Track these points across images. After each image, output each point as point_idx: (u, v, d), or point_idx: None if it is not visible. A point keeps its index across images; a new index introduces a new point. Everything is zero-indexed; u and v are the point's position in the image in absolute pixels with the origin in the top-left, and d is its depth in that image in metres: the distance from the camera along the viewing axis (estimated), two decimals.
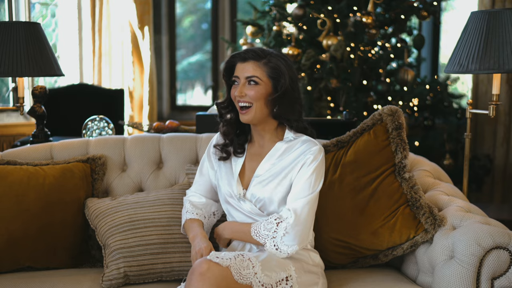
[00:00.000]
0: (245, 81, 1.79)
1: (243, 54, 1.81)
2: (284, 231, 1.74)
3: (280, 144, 1.88)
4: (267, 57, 1.80)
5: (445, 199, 2.07)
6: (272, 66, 1.78)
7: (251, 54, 1.79)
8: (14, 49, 2.54)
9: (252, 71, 1.78)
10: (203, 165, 2.02)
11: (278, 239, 1.74)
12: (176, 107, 5.47)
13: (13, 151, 2.29)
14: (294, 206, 1.77)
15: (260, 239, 1.77)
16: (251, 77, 1.78)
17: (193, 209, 1.95)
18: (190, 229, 1.90)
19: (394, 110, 2.07)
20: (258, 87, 1.78)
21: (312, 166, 1.80)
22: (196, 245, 1.81)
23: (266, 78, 1.79)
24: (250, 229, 1.79)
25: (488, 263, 1.75)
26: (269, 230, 1.76)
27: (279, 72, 1.78)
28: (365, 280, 1.94)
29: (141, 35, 4.89)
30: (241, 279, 1.61)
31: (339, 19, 3.67)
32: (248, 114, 1.81)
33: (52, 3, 4.68)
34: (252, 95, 1.78)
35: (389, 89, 3.83)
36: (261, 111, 1.81)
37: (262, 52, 1.81)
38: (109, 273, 1.93)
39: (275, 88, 1.79)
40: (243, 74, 1.80)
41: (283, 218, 1.76)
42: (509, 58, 2.23)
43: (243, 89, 1.79)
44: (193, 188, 2.04)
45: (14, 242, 2.01)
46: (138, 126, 3.44)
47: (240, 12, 5.44)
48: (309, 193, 1.79)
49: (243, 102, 1.80)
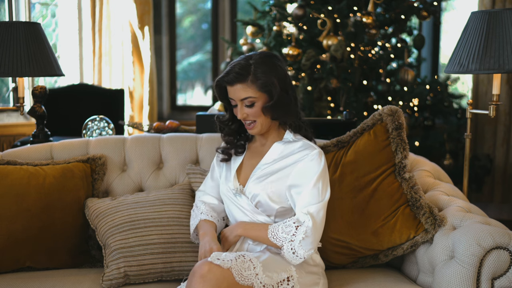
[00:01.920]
0: (241, 103, 1.83)
1: (226, 78, 1.81)
2: (303, 235, 1.74)
3: (279, 144, 1.90)
4: (251, 73, 1.79)
5: (445, 199, 2.07)
6: (260, 80, 1.79)
7: (235, 76, 1.79)
8: (14, 49, 2.54)
9: (243, 93, 1.80)
10: (214, 170, 2.04)
11: (296, 243, 1.74)
12: (176, 107, 5.47)
13: (13, 151, 2.29)
14: (310, 210, 1.77)
15: (278, 241, 1.76)
16: (244, 99, 1.82)
17: (208, 211, 1.95)
18: (203, 227, 1.91)
19: (394, 110, 2.07)
20: (255, 106, 1.82)
21: (317, 171, 1.81)
22: (207, 245, 1.80)
23: (259, 93, 1.80)
24: (267, 230, 1.79)
25: (488, 263, 1.75)
26: (288, 233, 1.75)
27: (268, 83, 1.79)
28: (365, 280, 1.94)
29: (141, 35, 4.89)
30: (243, 280, 1.61)
31: (339, 19, 3.67)
32: (255, 129, 1.87)
33: (52, 3, 4.68)
34: (252, 114, 1.83)
35: (389, 89, 3.83)
36: (266, 122, 1.86)
37: (244, 69, 1.79)
38: (109, 273, 1.93)
39: (270, 96, 1.82)
40: (236, 96, 1.83)
41: (301, 222, 1.76)
42: (509, 58, 2.23)
43: (243, 111, 1.84)
44: (204, 188, 2.06)
45: (14, 242, 2.01)
46: (138, 126, 3.44)
47: (240, 12, 5.44)
48: (321, 199, 1.80)
49: (248, 120, 1.86)
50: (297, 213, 1.79)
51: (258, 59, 1.81)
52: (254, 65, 1.80)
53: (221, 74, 1.83)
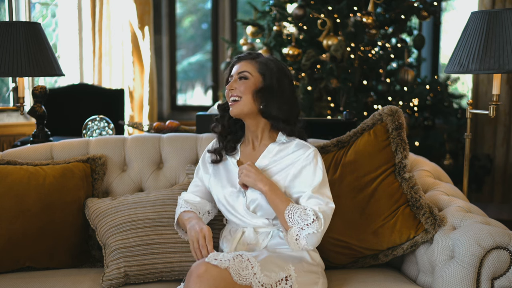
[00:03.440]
0: (237, 77, 1.88)
1: (240, 55, 1.94)
2: (315, 230, 1.75)
3: (273, 146, 1.91)
4: (260, 57, 1.91)
5: (445, 199, 2.07)
6: (262, 62, 1.88)
7: (246, 54, 1.93)
8: (14, 49, 2.53)
9: (243, 67, 1.89)
10: (199, 169, 2.04)
11: (304, 232, 1.75)
12: (176, 107, 5.47)
13: (13, 151, 2.29)
14: (327, 212, 1.79)
15: (290, 221, 1.76)
16: (242, 72, 1.87)
17: (187, 205, 1.96)
18: (186, 215, 1.90)
19: (394, 110, 2.07)
20: (248, 82, 1.85)
21: (318, 171, 1.83)
22: (196, 226, 1.79)
23: (256, 73, 1.87)
24: (287, 205, 1.77)
25: (488, 263, 1.75)
26: (303, 221, 1.75)
27: (268, 68, 1.86)
28: (365, 280, 1.94)
29: (141, 35, 4.89)
30: (241, 280, 1.60)
31: (339, 19, 3.67)
32: (236, 107, 1.86)
33: (52, 3, 4.68)
34: (241, 89, 1.85)
35: (389, 89, 3.83)
36: (250, 106, 1.85)
37: (256, 54, 1.93)
38: (110, 272, 1.93)
39: (265, 83, 1.85)
40: (236, 71, 1.90)
41: (319, 217, 1.76)
42: (509, 58, 2.23)
43: (233, 84, 1.87)
44: (188, 189, 2.06)
45: (14, 242, 2.01)
46: (138, 126, 3.44)
47: (240, 12, 5.44)
48: (328, 200, 1.82)
49: (233, 96, 1.86)
50: (313, 208, 1.78)
51: (274, 58, 1.94)
52: (267, 57, 1.92)
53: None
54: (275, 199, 1.79)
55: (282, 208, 1.78)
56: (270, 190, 1.80)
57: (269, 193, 1.80)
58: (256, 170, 1.83)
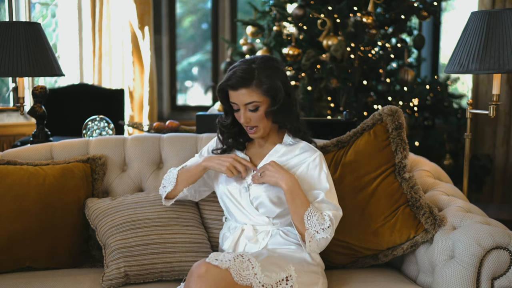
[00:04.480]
0: (245, 108, 1.83)
1: (230, 82, 1.80)
2: (327, 235, 1.77)
3: (280, 147, 1.92)
4: (255, 77, 1.78)
5: (445, 199, 2.07)
6: (265, 84, 1.79)
7: (238, 81, 1.78)
8: (14, 49, 2.53)
9: (248, 98, 1.80)
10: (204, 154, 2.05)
11: (318, 236, 1.76)
12: (176, 107, 5.47)
13: (13, 151, 2.29)
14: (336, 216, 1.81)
15: (308, 223, 1.77)
16: (249, 103, 1.81)
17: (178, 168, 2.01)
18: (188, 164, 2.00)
19: (394, 110, 2.07)
20: (259, 110, 1.82)
21: (323, 176, 1.85)
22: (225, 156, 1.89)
23: (263, 97, 1.81)
24: (306, 208, 1.78)
25: (488, 263, 1.75)
26: (320, 225, 1.77)
27: (273, 87, 1.80)
28: (365, 280, 1.94)
29: (141, 35, 4.89)
30: (241, 280, 1.61)
31: (339, 19, 3.67)
32: (258, 133, 1.88)
33: (52, 3, 4.68)
34: (256, 119, 1.84)
35: (389, 89, 3.83)
36: (268, 125, 1.88)
37: (248, 73, 1.78)
38: (110, 272, 1.93)
39: (273, 100, 1.82)
40: (240, 101, 1.82)
41: (333, 223, 1.78)
42: (509, 58, 2.23)
43: (246, 115, 1.83)
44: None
45: (14, 242, 2.01)
46: (138, 126, 3.44)
47: (240, 12, 5.44)
48: (338, 207, 1.83)
49: (250, 125, 1.86)
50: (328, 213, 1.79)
51: (261, 63, 1.81)
52: (257, 69, 1.80)
53: (224, 79, 1.82)
54: (295, 199, 1.79)
55: (302, 210, 1.78)
56: (289, 189, 1.79)
57: (289, 193, 1.79)
58: (279, 169, 1.81)
